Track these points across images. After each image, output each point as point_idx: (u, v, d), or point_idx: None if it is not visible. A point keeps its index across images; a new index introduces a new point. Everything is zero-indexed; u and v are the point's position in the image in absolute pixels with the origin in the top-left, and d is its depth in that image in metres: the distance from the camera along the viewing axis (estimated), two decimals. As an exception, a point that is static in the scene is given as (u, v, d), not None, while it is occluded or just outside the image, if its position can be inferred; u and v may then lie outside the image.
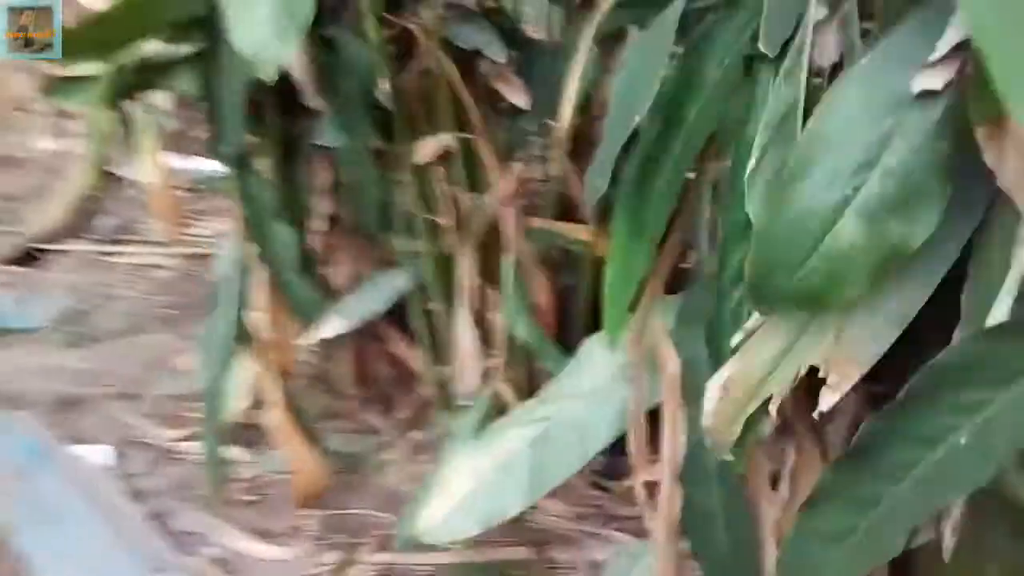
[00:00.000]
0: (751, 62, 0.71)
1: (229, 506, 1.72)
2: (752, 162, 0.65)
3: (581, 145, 1.51)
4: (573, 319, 1.83)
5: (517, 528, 1.53)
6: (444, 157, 1.50)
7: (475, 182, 1.54)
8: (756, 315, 0.67)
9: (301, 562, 1.59)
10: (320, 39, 1.33)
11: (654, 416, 0.90)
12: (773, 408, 0.66)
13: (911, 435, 0.60)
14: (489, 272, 1.64)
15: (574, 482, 1.59)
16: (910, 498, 0.62)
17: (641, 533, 0.99)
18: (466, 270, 1.58)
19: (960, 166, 0.55)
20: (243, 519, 1.71)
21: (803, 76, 0.65)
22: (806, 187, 0.57)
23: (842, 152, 0.56)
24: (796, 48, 0.65)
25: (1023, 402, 0.56)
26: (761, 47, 0.70)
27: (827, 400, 0.63)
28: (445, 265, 1.63)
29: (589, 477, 1.72)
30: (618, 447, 0.91)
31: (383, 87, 1.32)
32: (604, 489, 1.70)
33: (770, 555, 0.83)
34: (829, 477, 0.67)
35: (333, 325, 1.58)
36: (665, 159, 0.74)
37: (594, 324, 1.61)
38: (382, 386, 1.95)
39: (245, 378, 1.81)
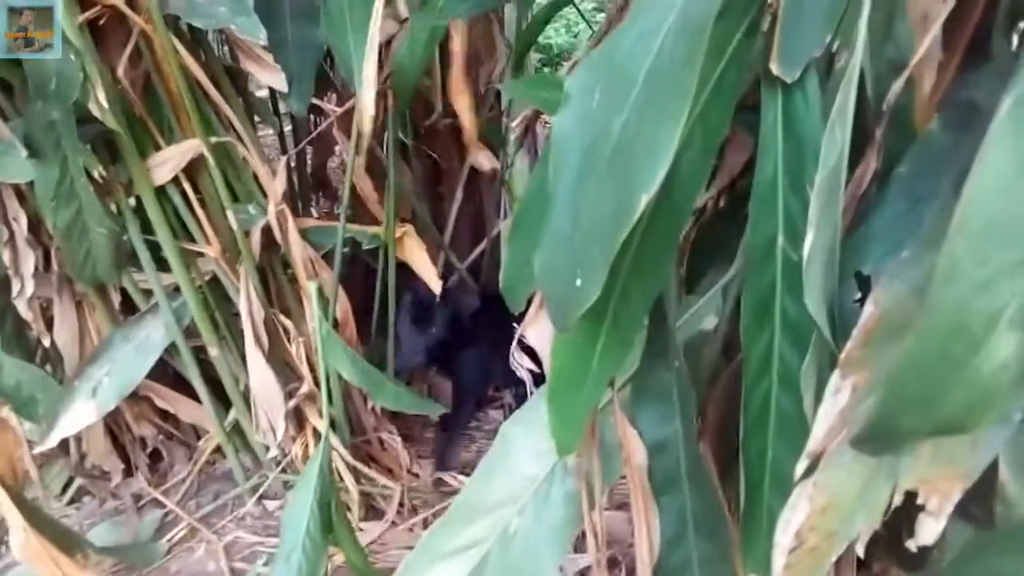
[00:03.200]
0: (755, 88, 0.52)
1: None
2: (809, 239, 0.47)
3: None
4: (368, 319, 1.59)
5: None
6: (191, 168, 1.12)
7: (237, 191, 1.19)
8: (815, 430, 0.51)
9: None
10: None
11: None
12: (861, 549, 0.52)
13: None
14: (268, 293, 1.33)
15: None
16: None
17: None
18: (247, 299, 1.24)
19: None
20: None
21: (850, 114, 0.48)
22: (953, 296, 0.40)
23: (1000, 243, 0.40)
24: (842, 78, 0.46)
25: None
26: (775, 70, 0.50)
27: (930, 529, 0.50)
28: (214, 297, 1.28)
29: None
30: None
31: (98, 98, 0.91)
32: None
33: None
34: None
35: (80, 414, 1.18)
36: (650, 229, 0.53)
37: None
38: (149, 449, 1.55)
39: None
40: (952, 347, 0.41)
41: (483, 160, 1.36)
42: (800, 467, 0.51)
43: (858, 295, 0.55)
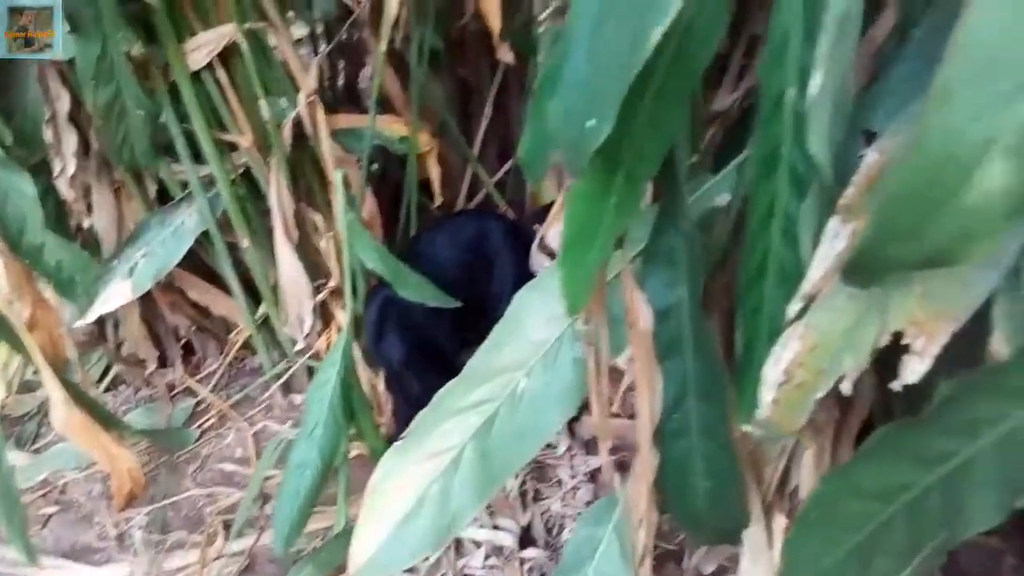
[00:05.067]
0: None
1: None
2: (816, 80, 0.48)
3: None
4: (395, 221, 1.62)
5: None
6: (227, 56, 1.15)
7: (270, 83, 1.21)
8: (810, 274, 0.53)
9: None
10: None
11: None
12: (847, 386, 0.54)
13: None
14: (298, 190, 1.36)
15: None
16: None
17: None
18: (276, 192, 1.28)
19: None
20: (51, 538, 1.37)
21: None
22: (945, 123, 0.42)
23: (996, 71, 0.41)
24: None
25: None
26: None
27: (913, 369, 0.52)
28: (246, 190, 1.32)
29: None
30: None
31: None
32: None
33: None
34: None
35: (117, 293, 1.23)
36: (670, 77, 0.54)
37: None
38: (182, 340, 1.61)
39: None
40: (943, 174, 0.42)
41: (506, 54, 1.36)
42: (793, 309, 0.53)
43: (865, 151, 0.56)
